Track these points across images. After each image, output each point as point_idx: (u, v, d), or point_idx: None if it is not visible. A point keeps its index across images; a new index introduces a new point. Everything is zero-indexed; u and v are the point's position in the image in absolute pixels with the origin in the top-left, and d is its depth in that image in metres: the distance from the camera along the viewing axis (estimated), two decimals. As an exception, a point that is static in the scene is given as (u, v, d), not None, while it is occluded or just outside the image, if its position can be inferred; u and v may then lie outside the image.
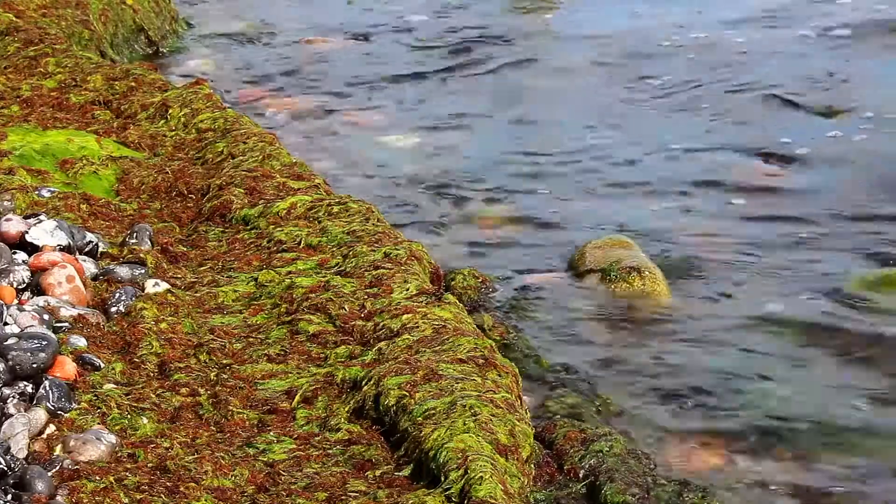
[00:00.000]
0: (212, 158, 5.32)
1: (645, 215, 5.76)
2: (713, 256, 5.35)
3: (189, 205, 4.97)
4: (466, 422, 3.48)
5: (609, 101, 7.20)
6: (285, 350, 3.97)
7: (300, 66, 7.90)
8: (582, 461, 3.82)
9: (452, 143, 6.68)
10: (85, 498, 3.17)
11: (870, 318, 4.82)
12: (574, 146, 6.57)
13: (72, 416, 3.50)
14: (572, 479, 3.77)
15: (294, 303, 4.17)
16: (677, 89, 7.27)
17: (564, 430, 3.98)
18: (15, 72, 6.15)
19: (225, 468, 3.37)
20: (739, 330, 4.82)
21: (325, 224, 4.66)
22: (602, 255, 5.19)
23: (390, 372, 3.71)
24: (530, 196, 5.99)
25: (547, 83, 7.54)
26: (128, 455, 3.38)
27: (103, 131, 5.59)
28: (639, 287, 5.00)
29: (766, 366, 4.55)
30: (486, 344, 3.93)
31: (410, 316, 4.03)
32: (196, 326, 4.04)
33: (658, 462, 3.93)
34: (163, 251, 4.49)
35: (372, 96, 7.37)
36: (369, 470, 3.46)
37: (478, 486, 3.26)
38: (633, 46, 7.98)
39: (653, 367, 4.57)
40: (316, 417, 3.67)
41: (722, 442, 4.12)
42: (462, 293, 4.88)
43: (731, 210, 5.81)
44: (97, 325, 3.94)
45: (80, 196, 4.85)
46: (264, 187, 4.94)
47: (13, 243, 4.22)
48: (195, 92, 5.89)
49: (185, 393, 3.69)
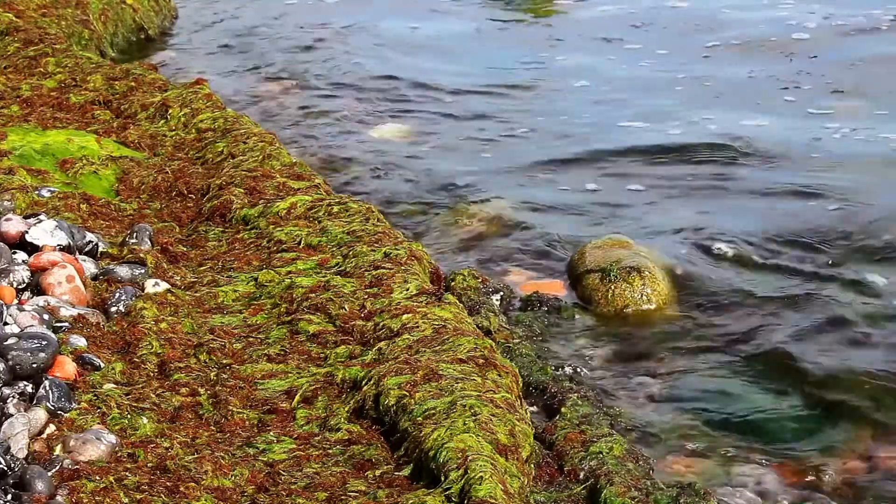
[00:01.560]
0: (212, 158, 5.32)
1: (642, 213, 5.77)
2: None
3: (189, 205, 4.97)
4: (466, 422, 3.48)
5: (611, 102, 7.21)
6: (285, 350, 3.97)
7: (300, 61, 7.91)
8: (582, 463, 3.82)
9: (453, 141, 6.67)
10: (85, 498, 3.17)
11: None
12: (574, 144, 6.58)
13: (72, 416, 3.50)
14: (572, 480, 3.77)
15: (294, 303, 4.17)
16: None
17: (565, 432, 3.98)
18: (15, 72, 6.15)
19: (225, 468, 3.37)
20: (741, 329, 4.82)
21: (325, 224, 4.66)
22: (602, 255, 5.19)
23: (390, 372, 3.71)
24: (530, 196, 5.99)
25: (547, 83, 7.55)
26: (128, 455, 3.38)
27: (103, 131, 5.59)
28: (639, 287, 5.00)
29: (766, 368, 4.56)
30: (486, 344, 3.93)
31: (410, 316, 4.03)
32: (196, 326, 4.04)
33: (657, 465, 3.93)
34: (163, 251, 4.49)
35: (372, 94, 7.37)
36: (369, 470, 3.45)
37: (478, 486, 3.26)
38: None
39: (653, 367, 4.57)
40: (316, 417, 3.67)
41: (722, 445, 4.12)
42: (462, 293, 4.88)
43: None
44: (97, 324, 3.94)
45: (80, 196, 4.85)
46: (264, 187, 4.94)
47: (13, 243, 4.22)
48: (195, 92, 5.89)
49: (185, 393, 3.69)
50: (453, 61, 7.99)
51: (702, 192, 6.02)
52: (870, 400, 4.31)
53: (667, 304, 4.97)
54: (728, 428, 4.21)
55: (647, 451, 3.99)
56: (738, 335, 4.77)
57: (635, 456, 3.87)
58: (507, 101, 7.26)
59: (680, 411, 4.30)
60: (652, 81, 7.53)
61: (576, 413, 4.10)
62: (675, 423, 4.23)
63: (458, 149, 6.60)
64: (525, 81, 7.59)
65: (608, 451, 3.84)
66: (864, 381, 4.40)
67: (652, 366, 4.59)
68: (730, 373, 4.53)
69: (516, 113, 7.09)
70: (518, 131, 6.83)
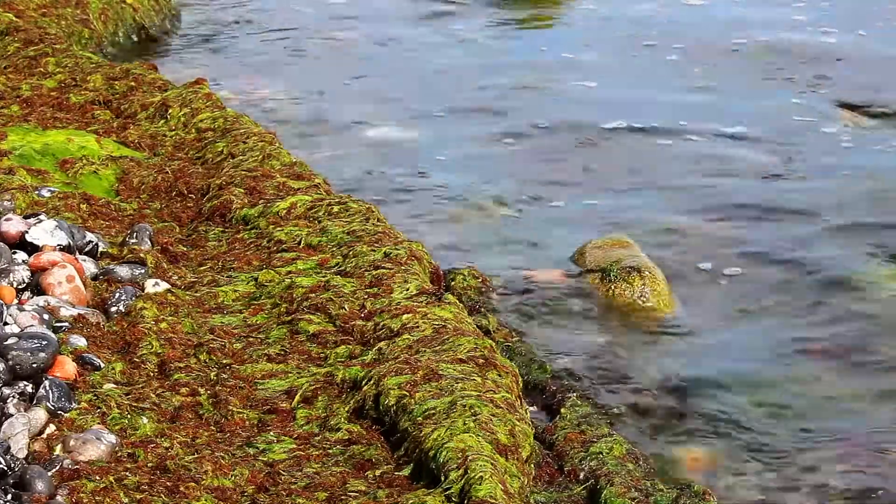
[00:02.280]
0: (212, 158, 5.32)
1: (643, 214, 5.77)
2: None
3: (189, 205, 4.97)
4: (466, 422, 3.48)
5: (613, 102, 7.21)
6: (285, 350, 3.97)
7: (300, 60, 7.91)
8: (582, 463, 3.82)
9: (452, 140, 6.67)
10: (85, 498, 3.17)
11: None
12: (574, 144, 6.58)
13: (72, 416, 3.50)
14: (572, 480, 3.77)
15: (294, 303, 4.17)
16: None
17: (565, 432, 3.98)
18: (15, 71, 6.15)
19: (225, 468, 3.37)
20: (742, 329, 4.82)
21: (325, 224, 4.66)
22: (602, 255, 5.18)
23: (390, 372, 3.71)
24: (530, 195, 5.98)
25: (547, 83, 7.55)
26: (128, 455, 3.38)
27: (103, 131, 5.58)
28: (639, 287, 5.00)
29: (767, 367, 4.56)
30: (486, 344, 3.93)
31: (410, 316, 4.03)
32: (196, 326, 4.04)
33: (657, 466, 3.92)
34: (163, 251, 4.49)
35: (372, 92, 7.36)
36: (369, 470, 3.46)
37: (478, 486, 3.26)
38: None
39: (654, 367, 4.57)
40: (316, 417, 3.67)
41: (722, 445, 4.12)
42: (462, 293, 4.87)
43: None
44: (97, 324, 3.94)
45: (80, 196, 4.85)
46: (264, 187, 4.94)
47: (13, 243, 4.22)
48: (195, 91, 5.88)
49: (185, 393, 3.69)
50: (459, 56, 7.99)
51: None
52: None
53: (667, 304, 4.97)
54: (729, 427, 4.20)
55: (647, 452, 3.99)
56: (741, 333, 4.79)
57: (635, 456, 3.87)
58: (509, 99, 7.27)
59: (681, 411, 4.30)
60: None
61: (575, 413, 4.10)
62: (676, 423, 4.23)
63: (458, 147, 6.59)
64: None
65: (608, 452, 3.84)
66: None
67: (652, 365, 4.59)
68: (730, 371, 4.53)
69: (517, 110, 7.08)
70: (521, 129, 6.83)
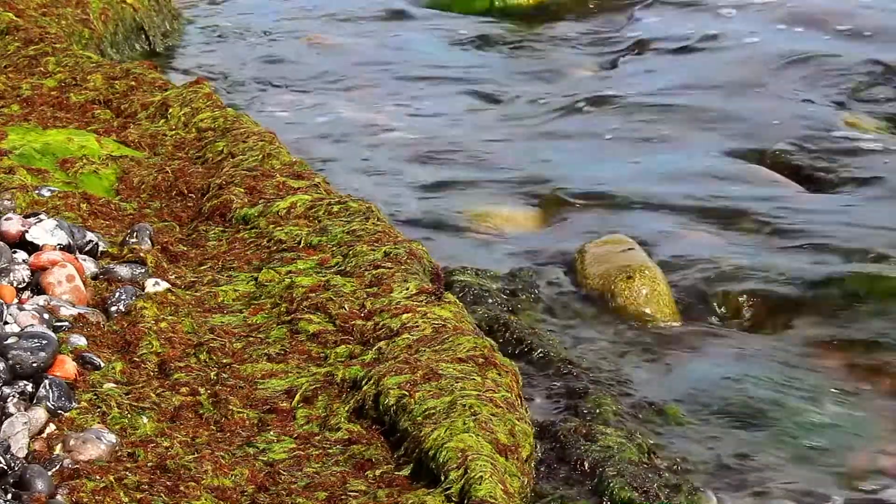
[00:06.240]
0: (212, 158, 5.31)
1: (643, 214, 5.78)
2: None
3: (189, 204, 4.97)
4: (466, 421, 3.48)
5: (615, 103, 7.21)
6: (285, 349, 3.97)
7: (302, 62, 7.92)
8: (587, 457, 3.82)
9: (452, 139, 6.68)
10: (85, 497, 3.17)
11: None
12: (574, 142, 6.59)
13: (72, 416, 3.50)
14: (577, 474, 3.77)
15: (294, 302, 4.17)
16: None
17: (569, 426, 3.98)
18: (15, 71, 6.14)
19: (225, 467, 3.37)
20: (743, 330, 4.83)
21: (325, 223, 4.66)
22: (602, 255, 5.19)
23: (390, 371, 3.71)
24: (531, 194, 5.99)
25: (547, 84, 7.56)
26: (128, 454, 3.38)
27: (103, 130, 5.58)
28: (639, 287, 5.00)
29: (768, 366, 4.57)
30: (485, 343, 3.93)
31: (410, 315, 4.03)
32: (196, 326, 4.04)
33: (661, 462, 3.93)
34: (163, 250, 4.49)
35: (373, 92, 7.37)
36: (369, 469, 3.46)
37: (478, 486, 3.26)
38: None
39: (654, 367, 4.57)
40: (316, 417, 3.67)
41: (725, 445, 4.12)
42: (462, 293, 4.88)
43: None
44: (97, 324, 3.94)
45: (80, 195, 4.84)
46: (264, 186, 4.94)
47: (13, 242, 4.22)
48: (195, 91, 5.88)
49: (185, 392, 3.69)
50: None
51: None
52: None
53: (667, 304, 4.97)
54: (730, 427, 4.21)
55: (651, 448, 3.99)
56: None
57: (641, 450, 3.88)
58: (509, 98, 7.27)
59: (682, 409, 4.30)
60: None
61: (578, 409, 4.11)
62: (677, 422, 4.23)
63: (458, 146, 6.59)
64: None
65: (613, 446, 3.85)
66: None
67: (653, 364, 4.59)
68: (731, 371, 4.54)
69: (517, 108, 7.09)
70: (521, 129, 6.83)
